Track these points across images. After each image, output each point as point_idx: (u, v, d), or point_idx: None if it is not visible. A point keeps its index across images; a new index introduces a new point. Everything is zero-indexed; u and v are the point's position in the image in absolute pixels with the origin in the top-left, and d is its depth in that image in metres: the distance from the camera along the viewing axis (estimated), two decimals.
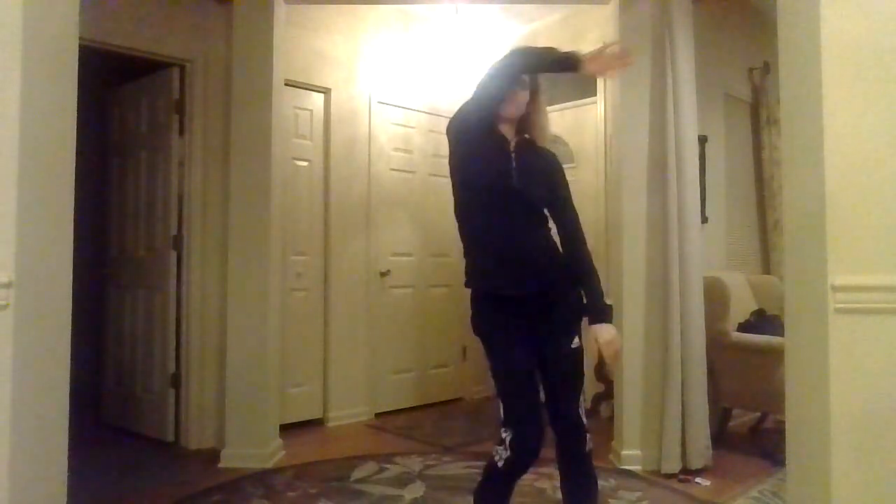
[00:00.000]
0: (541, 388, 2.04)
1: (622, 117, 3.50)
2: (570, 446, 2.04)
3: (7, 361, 1.57)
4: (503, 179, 1.98)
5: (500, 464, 1.97)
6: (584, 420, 2.05)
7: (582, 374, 2.08)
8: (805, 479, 1.83)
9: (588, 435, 2.05)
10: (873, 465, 1.67)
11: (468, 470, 3.26)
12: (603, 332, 2.01)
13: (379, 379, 4.62)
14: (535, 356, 2.02)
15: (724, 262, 4.44)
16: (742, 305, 3.85)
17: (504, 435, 1.96)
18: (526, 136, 2.10)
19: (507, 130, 2.08)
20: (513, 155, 2.03)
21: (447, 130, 2.07)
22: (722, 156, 4.50)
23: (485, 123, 2.00)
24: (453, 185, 2.09)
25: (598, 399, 4.28)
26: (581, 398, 2.07)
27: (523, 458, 1.97)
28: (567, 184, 2.14)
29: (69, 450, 1.88)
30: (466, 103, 2.04)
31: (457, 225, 2.10)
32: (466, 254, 2.09)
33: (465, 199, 2.05)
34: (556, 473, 2.11)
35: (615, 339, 2.01)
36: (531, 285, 1.99)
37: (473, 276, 2.07)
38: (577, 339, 2.05)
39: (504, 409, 1.99)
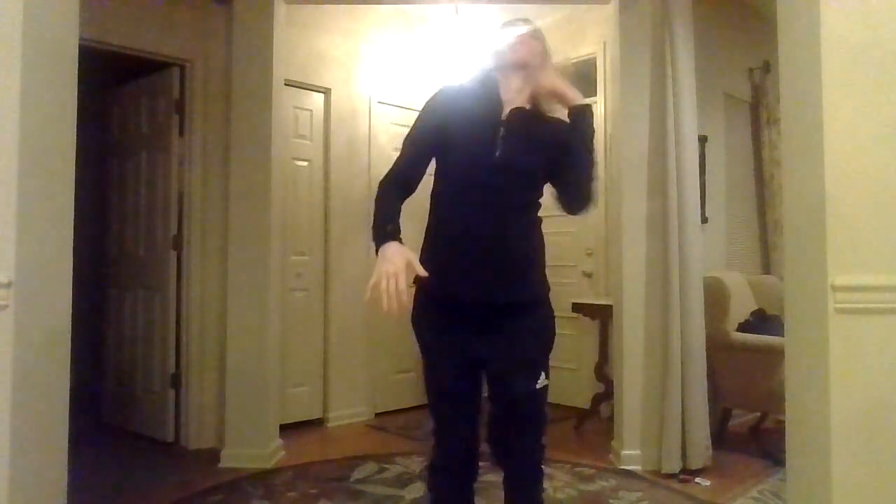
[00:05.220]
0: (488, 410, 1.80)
1: (622, 117, 3.50)
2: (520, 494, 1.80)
3: (7, 361, 1.57)
4: (484, 158, 1.72)
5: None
6: (542, 467, 1.80)
7: (545, 415, 1.78)
8: (805, 479, 1.83)
9: (541, 474, 1.81)
10: (873, 465, 1.67)
11: None
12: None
13: (379, 379, 4.61)
14: (479, 376, 1.80)
15: (724, 262, 4.44)
16: (742, 305, 3.85)
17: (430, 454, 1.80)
18: (530, 106, 1.84)
19: (516, 85, 1.80)
20: (502, 129, 1.75)
21: (433, 101, 1.85)
22: (722, 156, 4.50)
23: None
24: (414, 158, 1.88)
25: (598, 399, 4.28)
26: (542, 439, 1.78)
27: (448, 469, 1.83)
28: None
29: (69, 450, 1.88)
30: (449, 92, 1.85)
31: (429, 210, 1.88)
32: (429, 247, 1.83)
33: (443, 186, 1.83)
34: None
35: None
36: (497, 294, 1.70)
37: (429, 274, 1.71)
38: (544, 377, 1.74)
39: (434, 425, 1.84)
